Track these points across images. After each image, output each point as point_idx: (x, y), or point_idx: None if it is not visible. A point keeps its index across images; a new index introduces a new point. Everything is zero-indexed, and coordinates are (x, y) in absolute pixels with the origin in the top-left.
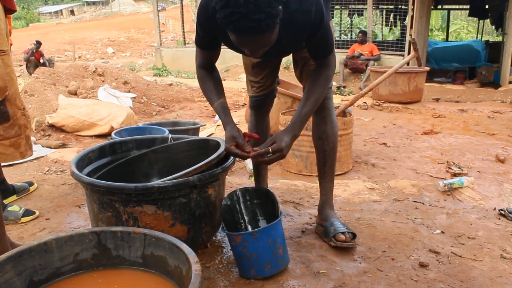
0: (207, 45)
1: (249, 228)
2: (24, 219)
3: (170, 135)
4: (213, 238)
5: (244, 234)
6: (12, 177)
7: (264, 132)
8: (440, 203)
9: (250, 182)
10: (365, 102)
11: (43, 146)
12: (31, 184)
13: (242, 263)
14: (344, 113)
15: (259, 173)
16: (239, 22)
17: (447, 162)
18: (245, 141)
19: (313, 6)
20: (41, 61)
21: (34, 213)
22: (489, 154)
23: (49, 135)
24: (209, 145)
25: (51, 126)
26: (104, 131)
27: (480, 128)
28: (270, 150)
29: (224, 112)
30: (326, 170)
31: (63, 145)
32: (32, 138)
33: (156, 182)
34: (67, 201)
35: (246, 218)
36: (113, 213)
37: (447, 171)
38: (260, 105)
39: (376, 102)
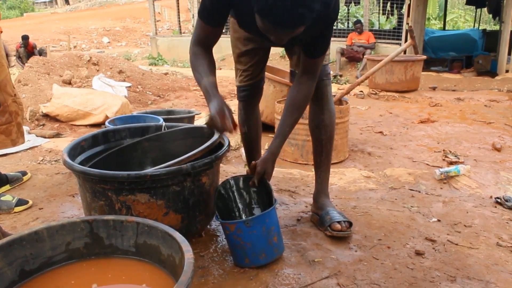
0: (213, 19)
1: (243, 216)
2: (17, 209)
3: (164, 123)
4: (208, 226)
5: (238, 223)
6: (6, 167)
7: (254, 126)
8: (436, 191)
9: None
10: (361, 91)
11: (37, 136)
12: (24, 173)
13: (236, 252)
14: (340, 102)
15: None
16: (280, 16)
17: (444, 150)
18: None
19: (333, 1)
20: (34, 52)
21: (27, 202)
22: (486, 143)
23: (43, 125)
24: (203, 133)
25: (45, 115)
26: (98, 120)
27: (477, 117)
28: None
29: (213, 88)
30: (322, 160)
31: (57, 135)
32: (26, 128)
33: (149, 170)
34: (60, 191)
35: (240, 206)
36: (106, 202)
37: (444, 160)
38: (248, 95)
39: (373, 91)
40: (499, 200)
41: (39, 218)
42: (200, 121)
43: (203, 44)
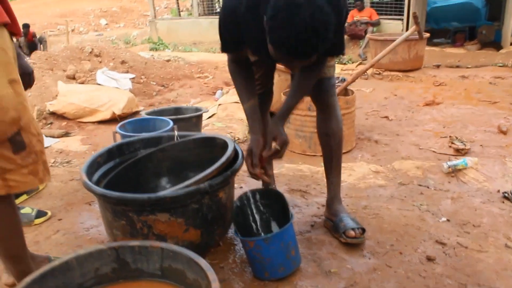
0: (234, 48)
1: (261, 229)
2: (37, 221)
3: (176, 133)
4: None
5: (257, 240)
6: None
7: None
8: (444, 185)
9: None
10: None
11: (46, 136)
12: None
13: (256, 266)
14: (346, 91)
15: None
16: (295, 48)
17: (450, 136)
18: (258, 159)
19: (344, 12)
20: (34, 41)
21: (46, 214)
22: (491, 125)
23: (51, 123)
24: (216, 143)
25: (52, 113)
26: (106, 117)
27: (482, 96)
28: (278, 147)
29: (252, 117)
30: (332, 166)
31: (66, 134)
32: None
33: (168, 191)
34: (77, 198)
35: (257, 218)
36: (127, 221)
37: (450, 146)
38: (259, 100)
39: (376, 71)
40: (506, 195)
41: (60, 231)
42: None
43: (237, 62)
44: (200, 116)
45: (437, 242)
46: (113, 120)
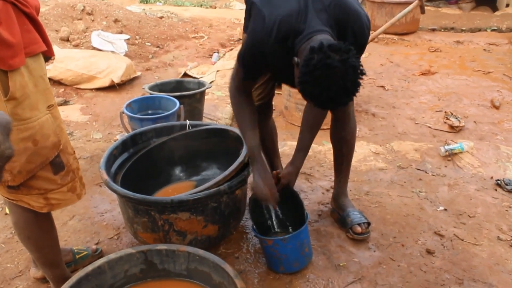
0: (253, 76)
1: (276, 225)
2: None
3: (188, 122)
4: None
5: (275, 239)
6: None
7: (269, 137)
8: (441, 170)
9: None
10: None
11: None
12: None
13: (272, 261)
14: None
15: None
16: (325, 103)
17: (445, 112)
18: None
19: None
20: None
21: None
22: (485, 99)
23: None
24: (229, 135)
25: (49, 79)
26: (104, 84)
27: (476, 65)
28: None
29: (259, 150)
30: (342, 168)
31: (65, 102)
32: None
33: (190, 194)
34: (86, 179)
35: (272, 214)
36: (149, 219)
37: (445, 122)
38: (260, 112)
39: (373, 32)
40: (499, 182)
41: (75, 216)
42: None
43: (242, 92)
44: (203, 92)
45: (436, 233)
46: (111, 87)
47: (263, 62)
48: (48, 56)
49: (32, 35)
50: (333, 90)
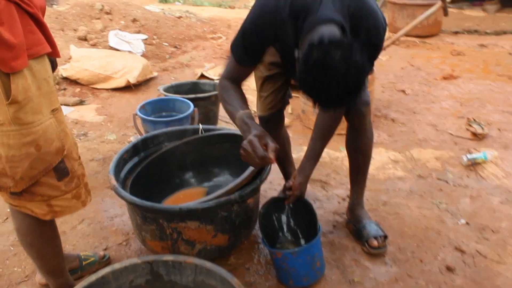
0: (249, 59)
1: (287, 236)
2: None
3: (201, 126)
4: None
5: (285, 253)
6: None
7: (282, 146)
8: (463, 180)
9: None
10: None
11: (60, 105)
12: None
13: (282, 273)
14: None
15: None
16: (324, 102)
17: (468, 119)
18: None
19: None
20: None
21: None
22: (510, 105)
23: (64, 89)
24: (241, 141)
25: (65, 78)
26: (120, 84)
27: (501, 70)
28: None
29: (251, 120)
30: (358, 179)
31: (80, 102)
32: None
33: (199, 203)
34: (98, 182)
35: (283, 226)
36: (157, 227)
37: (467, 129)
38: (272, 124)
39: (393, 35)
40: None
41: (84, 220)
42: None
43: (233, 80)
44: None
45: (457, 249)
46: (127, 87)
47: (268, 39)
48: (53, 57)
49: (36, 36)
50: (333, 91)
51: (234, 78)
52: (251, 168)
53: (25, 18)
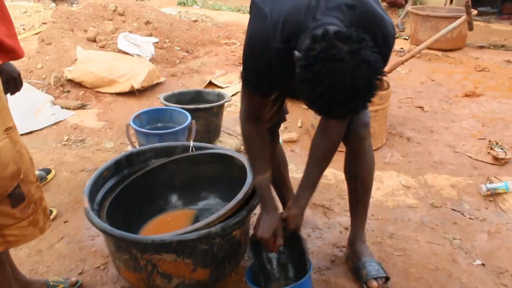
0: (262, 89)
1: (275, 270)
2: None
3: (192, 143)
4: None
5: None
6: (32, 151)
7: (277, 168)
8: (481, 213)
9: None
10: (402, 48)
11: (62, 108)
12: (48, 172)
13: None
14: (381, 83)
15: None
16: (328, 108)
17: (489, 141)
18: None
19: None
20: None
21: (51, 212)
22: None
23: (68, 92)
24: (233, 163)
25: (70, 80)
26: (124, 89)
27: None
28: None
29: (268, 191)
30: (358, 210)
31: (82, 106)
32: (51, 98)
33: (175, 235)
34: None
35: (273, 259)
36: (130, 257)
37: (489, 153)
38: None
39: (415, 47)
40: None
41: (64, 238)
42: (230, 89)
43: (254, 118)
44: (222, 106)
45: None
46: (132, 92)
47: (267, 71)
48: (6, 67)
49: None
50: (339, 91)
51: (255, 112)
52: (237, 198)
53: None
